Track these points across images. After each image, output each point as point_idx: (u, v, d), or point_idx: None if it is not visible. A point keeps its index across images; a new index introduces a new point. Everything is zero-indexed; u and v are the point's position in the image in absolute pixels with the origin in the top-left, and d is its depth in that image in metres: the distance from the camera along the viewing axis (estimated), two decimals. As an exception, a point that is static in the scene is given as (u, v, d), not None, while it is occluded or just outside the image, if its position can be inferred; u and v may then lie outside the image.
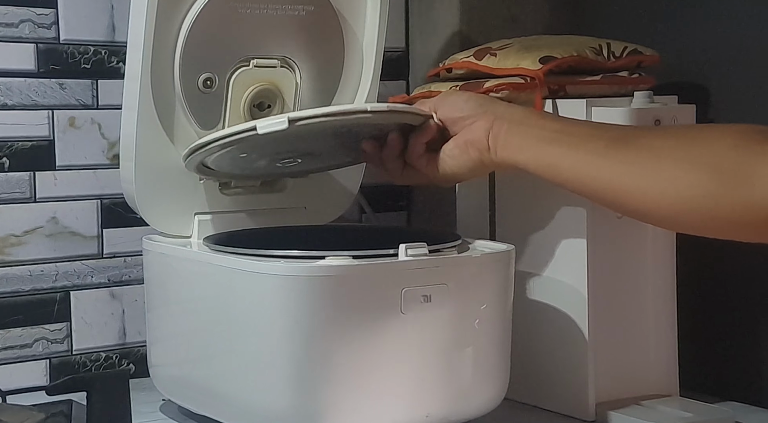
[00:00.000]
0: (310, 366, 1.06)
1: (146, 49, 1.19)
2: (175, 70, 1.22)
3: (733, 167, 0.95)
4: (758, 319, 1.33)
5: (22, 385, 1.34)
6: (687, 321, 1.33)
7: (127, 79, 1.22)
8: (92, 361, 1.43)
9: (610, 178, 1.04)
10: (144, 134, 1.22)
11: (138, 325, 1.44)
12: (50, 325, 1.40)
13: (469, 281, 1.12)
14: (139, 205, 1.24)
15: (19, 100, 1.37)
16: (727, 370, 1.36)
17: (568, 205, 1.25)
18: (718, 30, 1.37)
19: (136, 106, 1.21)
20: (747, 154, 0.94)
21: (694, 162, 0.98)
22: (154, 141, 1.23)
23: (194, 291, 1.18)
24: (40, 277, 1.40)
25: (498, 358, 1.16)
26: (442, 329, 1.11)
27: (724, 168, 0.95)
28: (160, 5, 1.19)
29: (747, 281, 1.34)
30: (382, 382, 1.08)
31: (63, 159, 1.40)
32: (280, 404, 1.08)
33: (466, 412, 1.15)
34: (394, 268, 1.08)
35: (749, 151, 0.94)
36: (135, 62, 1.20)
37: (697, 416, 1.24)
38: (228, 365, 1.13)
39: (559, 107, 1.26)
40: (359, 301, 1.07)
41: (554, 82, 1.27)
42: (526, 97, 1.26)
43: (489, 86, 1.29)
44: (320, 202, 1.36)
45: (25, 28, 1.37)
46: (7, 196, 1.37)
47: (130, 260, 1.44)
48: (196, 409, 1.22)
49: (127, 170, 1.24)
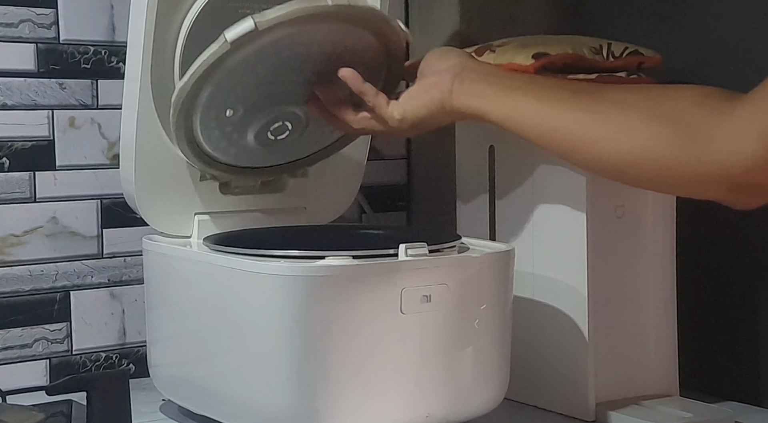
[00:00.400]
0: (310, 366, 1.06)
1: (146, 49, 1.19)
2: (175, 70, 1.22)
3: (694, 122, 0.95)
4: (758, 320, 1.33)
5: (22, 385, 1.35)
6: (687, 321, 1.33)
7: (127, 79, 1.22)
8: (92, 361, 1.43)
9: (571, 126, 1.04)
10: (144, 134, 1.22)
11: (138, 325, 1.44)
12: (50, 325, 1.40)
13: (469, 281, 1.12)
14: (139, 205, 1.24)
15: (19, 100, 1.37)
16: (727, 370, 1.36)
17: (568, 205, 1.25)
18: (718, 30, 1.37)
19: (136, 106, 1.21)
20: (710, 111, 0.95)
21: (656, 115, 0.98)
22: (154, 141, 1.23)
23: (194, 291, 1.18)
24: (40, 277, 1.40)
25: (498, 358, 1.16)
26: (442, 329, 1.11)
27: (685, 122, 0.96)
28: (160, 5, 1.19)
29: (747, 281, 1.34)
30: (382, 382, 1.08)
31: (63, 159, 1.40)
32: (280, 404, 1.08)
33: (466, 412, 1.15)
34: (393, 268, 1.08)
35: (712, 109, 0.95)
36: (135, 62, 1.20)
37: (697, 416, 1.24)
38: (228, 365, 1.13)
39: (559, 107, 1.26)
40: (359, 301, 1.07)
41: (547, 79, 1.27)
42: None
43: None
44: (320, 202, 1.36)
45: (25, 28, 1.37)
46: (7, 196, 1.37)
47: (130, 260, 1.45)
48: (196, 409, 1.22)
49: (127, 170, 1.24)
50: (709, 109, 0.95)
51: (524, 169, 1.30)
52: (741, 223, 1.34)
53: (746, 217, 1.33)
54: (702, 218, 1.37)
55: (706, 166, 0.94)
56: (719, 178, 0.94)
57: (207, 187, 1.28)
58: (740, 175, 0.93)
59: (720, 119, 0.94)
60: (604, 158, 1.02)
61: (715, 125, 0.94)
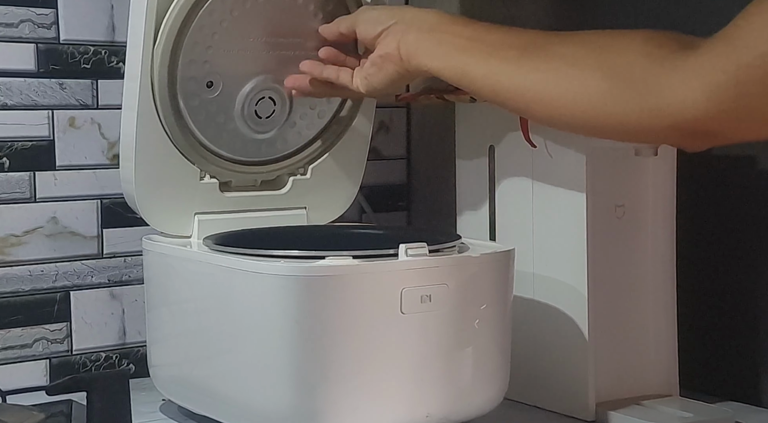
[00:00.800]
0: (310, 366, 1.06)
1: (146, 49, 1.19)
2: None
3: (643, 76, 0.97)
4: (758, 320, 1.33)
5: (22, 385, 1.35)
6: (687, 321, 1.33)
7: (126, 79, 1.22)
8: (92, 361, 1.43)
9: (522, 87, 1.05)
10: (144, 134, 1.22)
11: (138, 325, 1.44)
12: (50, 325, 1.40)
13: (469, 281, 1.12)
14: (139, 205, 1.24)
15: (19, 100, 1.37)
16: (727, 370, 1.36)
17: (568, 205, 1.25)
18: (718, 30, 1.36)
19: (136, 106, 1.21)
20: (658, 62, 0.96)
21: (606, 71, 0.99)
22: (154, 141, 1.23)
23: (194, 291, 1.18)
24: (40, 277, 1.40)
25: (498, 358, 1.16)
26: (442, 329, 1.11)
27: (634, 77, 0.97)
28: (159, 5, 1.19)
29: (747, 281, 1.34)
30: (382, 382, 1.08)
31: (63, 159, 1.40)
32: (280, 404, 1.08)
33: (466, 412, 1.14)
34: (394, 268, 1.08)
35: (662, 61, 0.96)
36: (135, 62, 1.20)
37: (697, 416, 1.24)
38: (228, 365, 1.13)
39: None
40: (359, 301, 1.07)
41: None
42: None
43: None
44: (320, 202, 1.36)
45: (25, 28, 1.37)
46: (7, 196, 1.37)
47: (130, 260, 1.45)
48: (196, 409, 1.22)
49: (127, 170, 1.24)
50: (659, 61, 0.96)
51: (524, 169, 1.30)
52: (741, 223, 1.34)
53: (746, 217, 1.34)
54: (702, 218, 1.37)
55: (658, 118, 0.96)
56: (671, 128, 0.96)
57: (207, 187, 1.28)
58: (690, 125, 0.94)
59: (669, 72, 0.95)
60: (557, 116, 1.04)
61: (665, 79, 0.95)
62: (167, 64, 1.21)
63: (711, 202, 1.37)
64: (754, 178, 1.32)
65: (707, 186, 1.37)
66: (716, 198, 1.36)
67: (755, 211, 1.33)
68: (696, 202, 1.36)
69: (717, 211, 1.37)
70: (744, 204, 1.34)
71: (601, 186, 1.25)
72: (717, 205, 1.37)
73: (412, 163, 1.67)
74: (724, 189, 1.36)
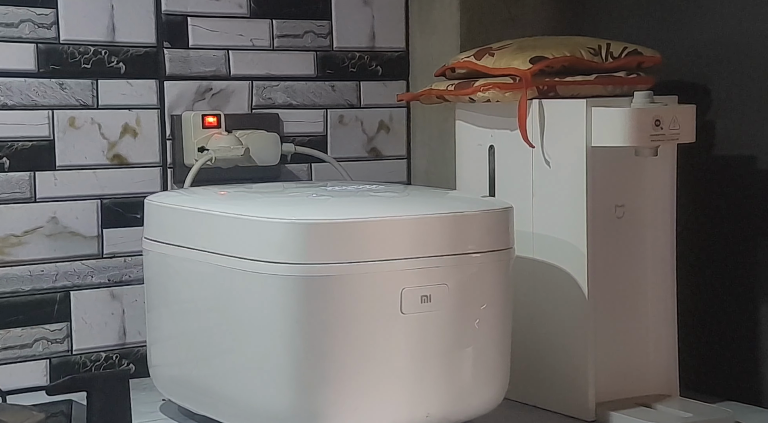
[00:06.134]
0: (310, 366, 1.06)
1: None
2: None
3: None
4: (758, 320, 1.33)
5: (22, 385, 1.35)
6: (687, 321, 1.33)
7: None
8: (92, 361, 1.43)
9: None
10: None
11: (138, 325, 1.44)
12: (50, 325, 1.40)
13: (469, 281, 1.12)
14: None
15: (19, 100, 1.37)
16: (727, 370, 1.36)
17: (568, 205, 1.25)
18: (718, 30, 1.37)
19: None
20: None
21: None
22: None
23: (194, 291, 1.18)
24: (40, 277, 1.40)
25: (498, 358, 1.16)
26: (442, 329, 1.11)
27: None
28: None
29: (747, 282, 1.34)
30: (382, 382, 1.08)
31: (63, 159, 1.40)
32: (280, 404, 1.08)
33: (466, 412, 1.15)
34: (394, 268, 1.08)
35: None
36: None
37: (697, 416, 1.24)
38: (228, 365, 1.13)
39: (557, 108, 1.26)
40: (359, 301, 1.07)
41: (544, 83, 1.27)
42: (513, 96, 1.27)
43: (477, 85, 1.29)
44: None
45: (25, 28, 1.37)
46: (7, 196, 1.37)
47: (130, 260, 1.44)
48: (196, 409, 1.22)
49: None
50: None
51: (524, 169, 1.30)
52: (741, 223, 1.34)
53: (746, 217, 1.34)
54: (702, 218, 1.37)
55: None
56: None
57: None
58: None
59: None
60: None
61: None
62: None
63: (711, 202, 1.37)
64: (754, 178, 1.33)
65: (707, 186, 1.37)
66: (716, 198, 1.36)
67: (755, 211, 1.33)
68: (696, 202, 1.36)
69: (717, 211, 1.37)
70: (744, 204, 1.34)
71: (601, 186, 1.25)
72: (717, 205, 1.37)
73: (412, 163, 1.67)
74: (724, 189, 1.36)
